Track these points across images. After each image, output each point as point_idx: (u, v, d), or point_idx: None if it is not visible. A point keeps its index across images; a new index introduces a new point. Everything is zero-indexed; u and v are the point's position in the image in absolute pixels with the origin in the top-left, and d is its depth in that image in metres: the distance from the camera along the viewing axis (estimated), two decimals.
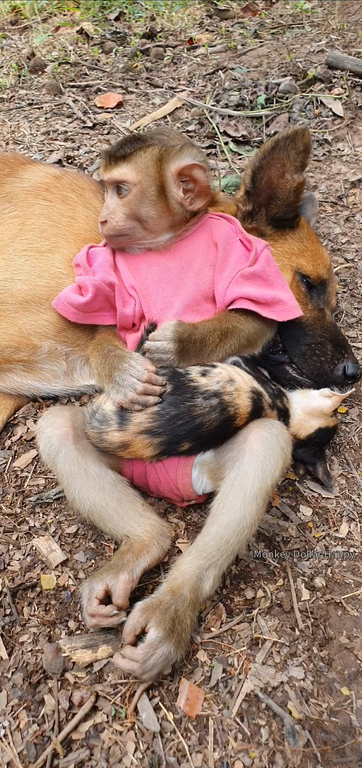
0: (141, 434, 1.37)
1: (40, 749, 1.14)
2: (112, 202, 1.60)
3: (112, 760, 1.12)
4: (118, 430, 1.39)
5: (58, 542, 1.49)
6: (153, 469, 1.48)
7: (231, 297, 1.53)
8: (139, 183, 1.56)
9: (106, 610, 1.25)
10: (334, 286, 2.01)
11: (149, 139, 1.59)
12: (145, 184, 1.57)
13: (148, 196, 1.58)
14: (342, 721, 1.19)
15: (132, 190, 1.57)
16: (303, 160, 1.79)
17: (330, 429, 1.61)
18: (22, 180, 1.90)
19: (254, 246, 1.61)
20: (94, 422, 1.42)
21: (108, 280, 1.59)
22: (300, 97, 3.39)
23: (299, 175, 1.81)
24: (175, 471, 1.46)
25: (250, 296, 1.53)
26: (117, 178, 1.57)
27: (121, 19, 5.18)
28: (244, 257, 1.60)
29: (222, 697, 1.22)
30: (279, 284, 1.60)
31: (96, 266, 1.64)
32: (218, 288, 1.55)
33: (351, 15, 4.46)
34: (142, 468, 1.49)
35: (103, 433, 1.40)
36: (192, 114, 3.42)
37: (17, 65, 4.18)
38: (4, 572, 1.43)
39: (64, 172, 1.96)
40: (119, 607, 1.27)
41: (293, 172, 1.80)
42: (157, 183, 1.57)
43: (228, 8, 5.14)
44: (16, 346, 1.67)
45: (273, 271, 1.60)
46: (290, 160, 1.78)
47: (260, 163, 1.81)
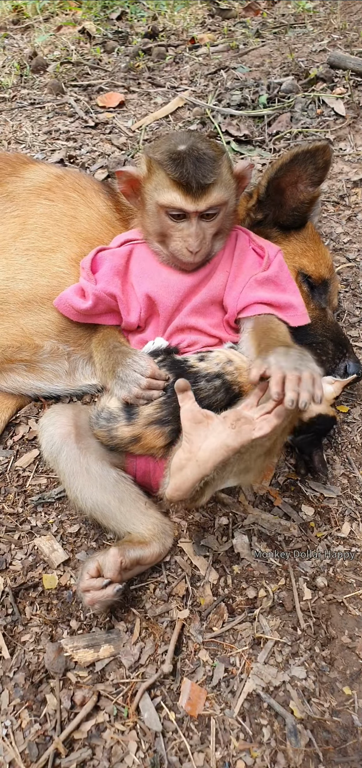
0: (151, 425, 1.39)
1: (42, 749, 1.14)
2: (200, 227, 1.51)
3: (113, 759, 1.13)
4: (126, 425, 1.40)
5: (60, 542, 1.49)
6: (158, 468, 1.48)
7: (245, 302, 1.53)
8: (227, 201, 1.54)
9: (97, 582, 1.26)
10: (336, 285, 2.00)
11: (213, 149, 1.51)
12: (230, 200, 1.56)
13: (230, 209, 1.57)
14: (344, 720, 1.19)
15: (221, 210, 1.53)
16: (322, 176, 1.77)
17: (330, 418, 1.63)
18: (24, 179, 1.90)
19: (266, 251, 1.62)
20: (101, 421, 1.43)
21: (109, 291, 1.58)
22: (302, 96, 3.39)
23: (315, 189, 1.80)
24: None
25: (264, 300, 1.53)
26: (213, 204, 1.49)
27: (122, 18, 5.17)
28: (257, 263, 1.61)
29: (224, 696, 1.22)
30: (291, 289, 1.61)
31: (100, 274, 1.61)
32: (231, 294, 1.55)
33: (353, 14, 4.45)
34: (146, 467, 1.49)
35: (112, 430, 1.41)
36: (194, 113, 3.41)
37: (19, 65, 4.18)
38: (6, 572, 1.43)
39: (66, 171, 1.96)
40: (110, 579, 1.27)
41: (309, 185, 1.79)
42: (235, 193, 1.57)
43: (230, 8, 5.13)
44: (18, 345, 1.67)
45: (285, 276, 1.61)
46: (307, 173, 1.76)
47: (276, 174, 1.78)
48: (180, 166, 1.45)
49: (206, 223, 1.52)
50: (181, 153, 1.47)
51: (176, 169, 1.46)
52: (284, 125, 3.20)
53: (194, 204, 1.47)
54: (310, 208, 1.85)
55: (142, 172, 1.59)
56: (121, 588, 1.27)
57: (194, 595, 1.39)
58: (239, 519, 1.55)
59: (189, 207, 1.47)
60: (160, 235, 1.58)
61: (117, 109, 3.57)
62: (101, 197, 1.87)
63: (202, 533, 1.51)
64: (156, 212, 1.54)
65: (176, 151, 1.48)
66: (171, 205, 1.49)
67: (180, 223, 1.52)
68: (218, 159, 1.49)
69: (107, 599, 1.26)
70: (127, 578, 1.36)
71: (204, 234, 1.52)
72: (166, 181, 1.49)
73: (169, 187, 1.48)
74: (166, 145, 1.53)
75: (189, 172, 1.44)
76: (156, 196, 1.52)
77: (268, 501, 1.60)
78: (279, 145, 3.10)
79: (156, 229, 1.58)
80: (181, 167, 1.45)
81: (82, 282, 1.61)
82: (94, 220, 1.80)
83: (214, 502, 1.58)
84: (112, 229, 1.80)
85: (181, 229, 1.52)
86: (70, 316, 1.63)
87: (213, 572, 1.43)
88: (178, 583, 1.41)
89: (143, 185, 1.58)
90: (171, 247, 1.55)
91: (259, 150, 3.09)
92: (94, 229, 1.78)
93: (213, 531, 1.52)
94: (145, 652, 1.28)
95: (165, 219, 1.53)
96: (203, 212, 1.49)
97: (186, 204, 1.47)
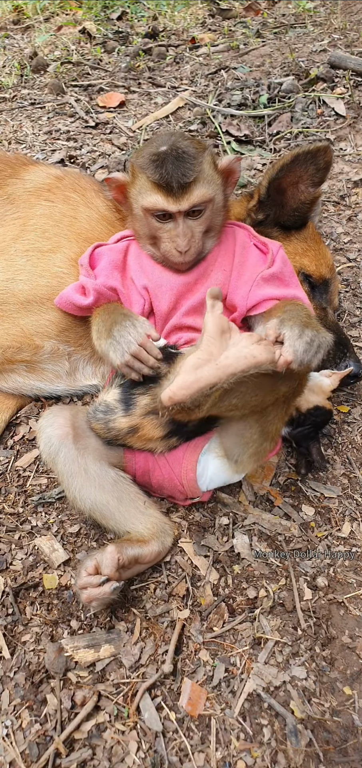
0: (148, 415, 1.39)
1: (43, 749, 1.14)
2: (187, 226, 1.50)
3: (114, 759, 1.13)
4: (124, 415, 1.40)
5: (60, 542, 1.49)
6: (157, 466, 1.48)
7: (255, 300, 1.53)
8: (212, 197, 1.52)
9: (95, 579, 1.26)
10: (336, 285, 2.01)
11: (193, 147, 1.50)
12: (216, 196, 1.55)
13: (217, 205, 1.56)
14: (344, 720, 1.19)
15: (208, 207, 1.52)
16: (322, 177, 1.77)
17: (327, 411, 1.64)
18: (24, 181, 1.90)
19: (270, 248, 1.61)
20: (99, 414, 1.43)
21: (109, 284, 1.57)
22: (303, 96, 3.39)
23: (315, 190, 1.80)
24: (179, 466, 1.46)
25: (273, 296, 1.53)
26: (195, 202, 1.48)
27: (123, 18, 5.17)
28: (261, 260, 1.60)
29: (224, 696, 1.22)
30: (294, 283, 1.61)
31: (99, 269, 1.61)
32: (239, 293, 1.55)
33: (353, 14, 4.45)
34: (145, 465, 1.49)
35: (109, 422, 1.41)
36: (195, 113, 3.41)
37: (20, 65, 4.18)
38: (6, 572, 1.43)
39: (65, 172, 1.96)
40: (107, 576, 1.27)
41: (310, 185, 1.78)
42: (221, 188, 1.57)
43: (230, 8, 5.13)
44: (18, 346, 1.68)
45: (289, 271, 1.61)
46: (308, 174, 1.76)
47: (277, 175, 1.79)
48: (159, 168, 1.45)
49: (193, 221, 1.52)
50: (160, 155, 1.47)
51: (156, 171, 1.46)
52: (284, 125, 3.20)
53: (176, 204, 1.47)
54: (311, 209, 1.85)
55: (128, 177, 1.60)
56: (119, 586, 1.27)
57: (194, 595, 1.39)
58: (239, 519, 1.55)
59: (172, 207, 1.47)
60: (151, 238, 1.58)
61: (117, 109, 3.57)
62: (101, 197, 1.87)
63: (203, 533, 1.51)
64: (143, 216, 1.55)
65: (156, 153, 1.48)
66: (154, 207, 1.49)
67: (166, 224, 1.52)
68: (198, 156, 1.48)
69: (104, 597, 1.26)
70: (126, 578, 1.36)
71: (192, 233, 1.51)
72: (148, 184, 1.49)
73: (151, 190, 1.49)
74: (148, 148, 1.54)
75: (168, 173, 1.44)
76: (140, 200, 1.53)
77: (269, 501, 1.60)
78: (280, 145, 3.10)
79: (145, 233, 1.58)
80: (160, 168, 1.45)
81: (82, 279, 1.60)
82: (94, 220, 1.80)
83: (215, 502, 1.58)
84: (112, 229, 1.80)
85: (168, 230, 1.52)
86: (71, 311, 1.62)
87: (213, 572, 1.43)
88: (178, 583, 1.41)
89: (129, 190, 1.59)
90: (161, 248, 1.55)
91: (260, 150, 3.09)
92: (94, 230, 1.78)
93: (214, 531, 1.52)
94: (146, 652, 1.28)
95: (151, 221, 1.53)
96: (187, 211, 1.49)
97: (169, 205, 1.47)
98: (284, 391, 1.35)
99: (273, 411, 1.38)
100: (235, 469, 1.44)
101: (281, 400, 1.37)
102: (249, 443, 1.40)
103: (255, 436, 1.39)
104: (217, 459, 1.45)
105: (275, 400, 1.35)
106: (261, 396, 1.31)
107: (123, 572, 1.32)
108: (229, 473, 1.46)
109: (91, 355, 1.74)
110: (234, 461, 1.43)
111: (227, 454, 1.44)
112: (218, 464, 1.45)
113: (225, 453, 1.44)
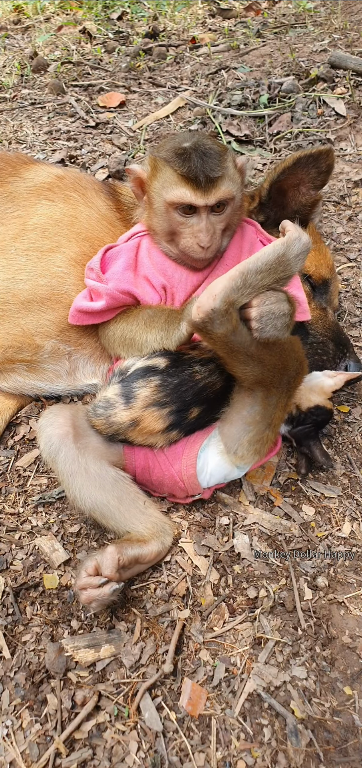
0: (149, 407, 1.40)
1: (43, 749, 1.14)
2: (209, 222, 1.50)
3: (114, 759, 1.13)
4: (125, 409, 1.41)
5: (60, 542, 1.49)
6: (157, 462, 1.48)
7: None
8: (234, 195, 1.53)
9: (94, 580, 1.25)
10: (337, 285, 2.00)
11: (217, 145, 1.52)
12: (237, 194, 1.55)
13: (236, 203, 1.56)
14: (344, 720, 1.19)
15: (229, 204, 1.53)
16: (324, 180, 1.78)
17: (328, 410, 1.65)
18: (25, 180, 1.90)
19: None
20: (99, 410, 1.44)
21: (122, 288, 1.55)
22: (303, 96, 3.39)
23: (317, 192, 1.80)
24: (179, 462, 1.46)
25: None
26: (222, 198, 1.49)
27: (123, 18, 5.18)
28: None
29: (224, 696, 1.22)
30: (296, 284, 1.61)
31: (111, 273, 1.59)
32: None
33: (354, 14, 4.45)
34: (145, 462, 1.49)
35: (110, 416, 1.42)
36: (195, 113, 3.41)
37: (20, 65, 4.19)
38: (6, 571, 1.43)
39: (66, 171, 1.96)
40: (107, 578, 1.26)
41: (311, 188, 1.79)
42: (240, 187, 1.57)
43: (230, 7, 5.13)
44: (18, 346, 1.68)
45: None
46: (310, 177, 1.76)
47: (279, 177, 1.79)
48: (187, 161, 1.46)
49: (215, 217, 1.52)
50: (186, 149, 1.48)
51: (184, 164, 1.46)
52: (285, 125, 3.20)
53: (204, 198, 1.47)
54: (312, 211, 1.86)
55: (146, 171, 1.58)
56: (119, 588, 1.26)
57: (195, 595, 1.39)
58: (240, 519, 1.55)
59: (199, 201, 1.47)
60: (169, 234, 1.57)
61: (118, 109, 3.57)
62: (101, 197, 1.87)
63: (203, 533, 1.51)
64: (164, 210, 1.54)
65: (182, 147, 1.49)
66: (180, 200, 1.48)
67: (189, 219, 1.52)
68: (223, 153, 1.50)
69: (104, 598, 1.26)
70: (126, 578, 1.36)
71: (214, 229, 1.52)
72: (174, 177, 1.49)
73: (178, 183, 1.48)
74: (170, 143, 1.54)
75: (197, 167, 1.45)
76: (164, 193, 1.52)
77: (269, 501, 1.60)
78: (280, 145, 3.10)
79: (164, 228, 1.56)
80: (188, 162, 1.46)
81: (91, 284, 1.58)
82: (95, 219, 1.80)
83: (215, 502, 1.58)
84: (113, 229, 1.80)
85: (191, 225, 1.51)
86: (85, 322, 1.62)
87: (213, 572, 1.43)
88: (178, 582, 1.41)
89: (149, 185, 1.58)
90: (181, 244, 1.54)
91: (260, 150, 3.09)
92: (95, 229, 1.78)
93: (214, 531, 1.52)
94: (146, 651, 1.28)
95: (174, 216, 1.53)
96: (213, 206, 1.49)
97: (196, 198, 1.47)
98: (293, 366, 1.37)
99: (276, 395, 1.38)
100: (235, 461, 1.44)
101: (284, 385, 1.37)
102: (251, 425, 1.40)
103: (258, 418, 1.39)
104: (218, 454, 1.45)
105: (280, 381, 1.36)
106: (275, 359, 1.32)
107: (123, 572, 1.32)
108: (230, 466, 1.46)
109: (91, 355, 1.74)
110: (234, 452, 1.43)
111: (227, 447, 1.44)
112: (218, 459, 1.45)
113: (226, 447, 1.44)
